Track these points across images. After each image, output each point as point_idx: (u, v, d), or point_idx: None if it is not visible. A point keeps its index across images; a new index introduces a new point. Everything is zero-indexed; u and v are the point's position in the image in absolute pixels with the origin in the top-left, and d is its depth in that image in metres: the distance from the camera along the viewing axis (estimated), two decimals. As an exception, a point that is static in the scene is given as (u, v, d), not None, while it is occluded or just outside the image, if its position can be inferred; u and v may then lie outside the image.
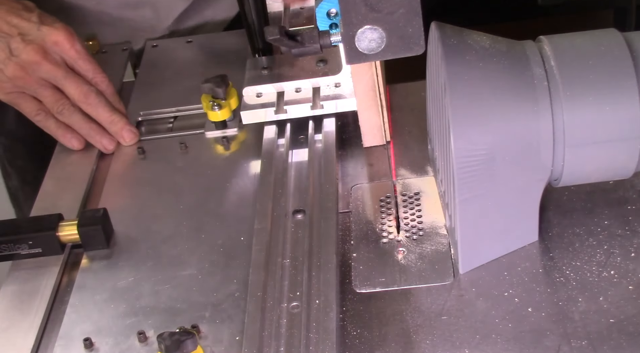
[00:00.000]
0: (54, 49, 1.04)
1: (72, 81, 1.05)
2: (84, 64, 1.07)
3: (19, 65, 1.03)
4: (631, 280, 0.82)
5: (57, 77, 1.05)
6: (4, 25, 1.03)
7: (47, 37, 1.04)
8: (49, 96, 1.05)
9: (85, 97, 1.06)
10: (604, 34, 0.84)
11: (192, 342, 0.77)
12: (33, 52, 1.03)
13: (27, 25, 1.03)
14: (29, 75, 1.03)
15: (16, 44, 1.03)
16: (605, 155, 0.82)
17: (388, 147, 1.04)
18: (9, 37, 1.02)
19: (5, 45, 1.02)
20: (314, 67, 1.07)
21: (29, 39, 1.03)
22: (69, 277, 0.94)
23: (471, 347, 0.78)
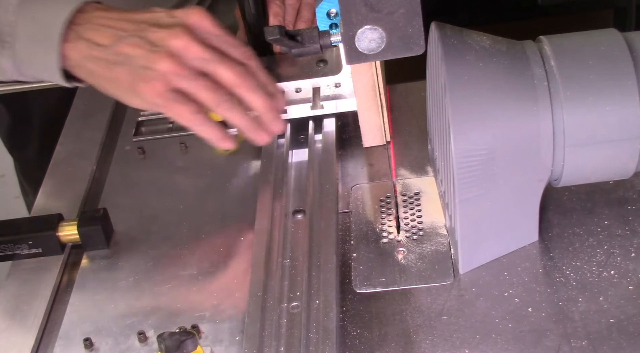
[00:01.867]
0: (196, 30, 0.88)
1: (224, 63, 0.88)
2: (230, 40, 0.90)
3: (168, 54, 0.86)
4: (631, 280, 0.82)
5: (208, 61, 0.87)
6: (127, 24, 0.89)
7: (185, 19, 0.88)
8: (205, 86, 0.87)
9: (242, 80, 0.89)
10: (604, 34, 0.84)
11: (192, 342, 0.77)
12: (181, 36, 0.87)
13: (156, 15, 0.90)
14: (180, 65, 0.86)
15: (155, 34, 0.87)
16: (605, 155, 0.82)
17: (388, 147, 1.04)
18: (142, 31, 0.88)
19: (143, 40, 0.87)
20: (314, 67, 1.07)
21: (167, 25, 0.88)
22: (69, 277, 0.94)
23: (471, 347, 0.78)
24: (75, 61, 0.89)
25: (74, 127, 1.17)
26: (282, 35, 0.86)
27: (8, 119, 1.43)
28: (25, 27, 0.89)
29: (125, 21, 0.89)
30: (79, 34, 0.89)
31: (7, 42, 0.90)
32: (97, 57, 0.88)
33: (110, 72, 0.88)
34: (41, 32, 0.89)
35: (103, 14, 0.90)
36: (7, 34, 0.89)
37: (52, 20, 0.89)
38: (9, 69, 0.91)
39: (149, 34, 0.87)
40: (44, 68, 0.90)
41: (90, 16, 0.90)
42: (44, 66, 0.90)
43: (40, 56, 0.90)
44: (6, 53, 0.90)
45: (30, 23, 0.89)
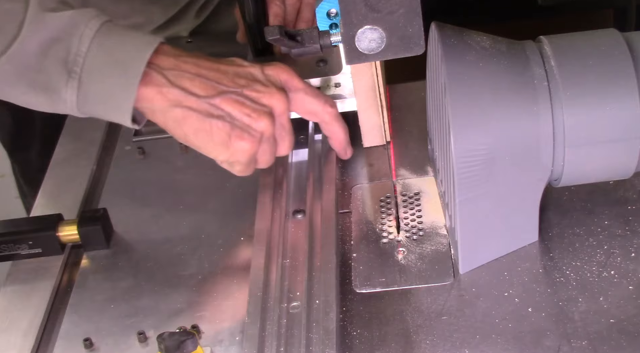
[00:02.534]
0: (287, 88, 0.92)
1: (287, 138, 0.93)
2: (314, 92, 0.95)
3: (269, 115, 0.88)
4: (631, 280, 0.82)
5: (287, 129, 0.92)
6: (221, 76, 0.88)
7: (277, 77, 0.91)
8: (273, 151, 0.92)
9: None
10: (604, 34, 0.84)
11: (192, 342, 0.77)
12: (280, 98, 0.89)
13: (248, 71, 0.90)
14: (274, 127, 0.89)
15: (256, 94, 0.88)
16: (605, 155, 0.82)
17: (388, 147, 1.04)
18: (241, 88, 0.88)
19: (244, 98, 0.87)
20: (314, 67, 1.07)
21: (264, 83, 0.90)
22: (69, 277, 0.94)
23: (471, 347, 0.78)
24: (159, 106, 0.86)
25: (74, 127, 1.17)
26: (282, 35, 0.86)
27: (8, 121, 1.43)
28: (98, 60, 0.84)
29: (218, 72, 0.89)
30: (166, 78, 0.86)
31: (75, 72, 0.84)
32: (190, 107, 0.86)
33: (203, 124, 0.86)
34: (117, 68, 0.84)
35: (185, 58, 0.88)
36: (76, 64, 0.84)
37: (131, 57, 0.85)
38: (70, 102, 0.86)
39: (250, 92, 0.88)
40: (113, 107, 0.85)
41: (170, 59, 0.87)
42: (114, 105, 0.85)
43: (113, 94, 0.85)
44: (72, 84, 0.84)
45: (104, 56, 0.84)
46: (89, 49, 0.84)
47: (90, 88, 0.85)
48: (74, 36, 0.84)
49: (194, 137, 0.87)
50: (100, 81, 0.85)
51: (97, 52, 0.84)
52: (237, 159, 0.89)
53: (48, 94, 0.85)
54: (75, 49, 0.84)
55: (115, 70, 0.84)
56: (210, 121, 0.86)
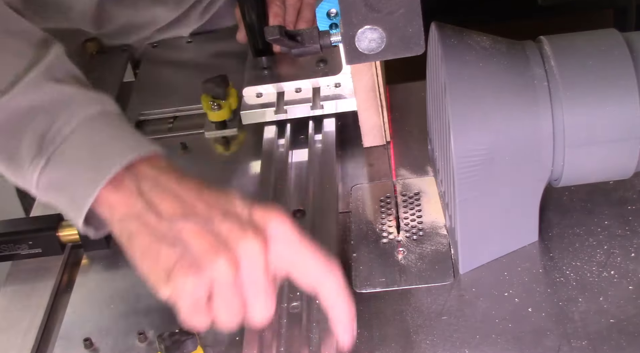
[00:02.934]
0: (275, 238, 0.72)
1: (262, 299, 0.72)
2: (308, 251, 0.73)
3: (233, 260, 0.70)
4: (631, 280, 0.82)
5: (257, 286, 0.71)
6: (199, 203, 0.73)
7: (262, 220, 0.72)
8: (230, 309, 0.72)
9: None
10: (604, 34, 0.84)
11: (192, 342, 0.77)
12: (254, 244, 0.70)
13: (237, 209, 0.73)
14: (234, 275, 0.70)
15: (226, 230, 0.71)
16: (605, 155, 0.82)
17: (388, 147, 1.04)
18: (211, 220, 0.71)
19: (208, 229, 0.71)
20: (314, 67, 1.07)
21: (239, 223, 0.72)
22: (69, 277, 0.94)
23: (471, 347, 0.78)
24: (118, 215, 0.73)
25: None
26: (282, 35, 0.86)
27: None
28: (76, 146, 0.74)
29: (196, 198, 0.73)
30: (138, 187, 0.73)
31: (47, 151, 0.75)
32: (148, 224, 0.72)
33: (153, 247, 0.71)
34: (91, 161, 0.74)
35: (170, 175, 0.75)
36: (53, 142, 0.75)
37: (111, 155, 0.73)
38: (29, 181, 0.76)
39: (220, 226, 0.71)
40: (70, 200, 0.74)
41: (154, 171, 0.74)
42: (71, 198, 0.74)
43: (74, 186, 0.74)
44: (37, 162, 0.75)
45: (84, 145, 0.74)
46: (72, 132, 0.75)
47: (54, 174, 0.75)
48: (64, 114, 0.75)
49: (139, 259, 0.73)
50: (66, 169, 0.75)
51: (79, 139, 0.75)
52: (179, 299, 0.71)
53: (10, 163, 0.77)
54: (58, 127, 0.75)
55: (88, 162, 0.74)
56: (160, 246, 0.71)
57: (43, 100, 0.76)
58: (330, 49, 0.86)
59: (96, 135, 0.75)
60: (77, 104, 0.76)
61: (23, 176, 0.76)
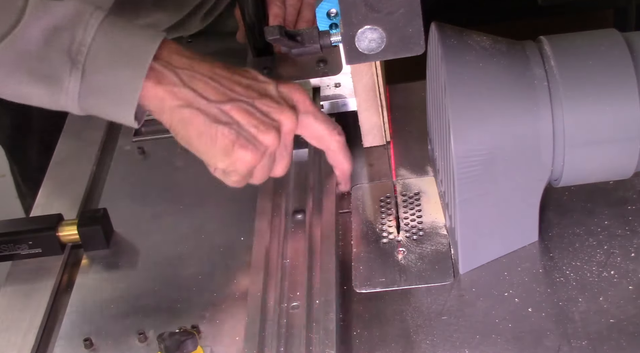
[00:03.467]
0: (298, 108, 0.89)
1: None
2: (323, 116, 0.91)
3: (276, 130, 0.85)
4: (631, 280, 0.82)
5: (289, 147, 0.89)
6: (235, 85, 0.85)
7: (290, 95, 0.88)
8: (282, 166, 0.90)
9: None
10: (604, 34, 0.84)
11: (192, 342, 0.77)
12: (290, 116, 0.86)
13: (263, 85, 0.87)
14: (280, 143, 0.86)
15: (267, 107, 0.85)
16: (605, 155, 0.82)
17: (388, 147, 1.04)
18: (253, 99, 0.85)
19: (255, 109, 0.84)
20: (314, 67, 1.07)
21: (277, 100, 0.87)
22: (69, 277, 0.94)
23: (471, 347, 0.78)
24: (168, 105, 0.83)
25: (74, 127, 1.17)
26: (282, 35, 0.86)
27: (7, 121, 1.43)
28: (103, 50, 0.81)
29: (231, 80, 0.85)
30: (179, 77, 0.83)
31: (79, 62, 0.81)
32: (199, 109, 0.82)
33: (210, 128, 0.82)
34: (123, 59, 0.81)
35: (199, 60, 0.85)
36: (80, 53, 0.81)
37: (137, 49, 0.81)
38: (72, 93, 0.82)
39: (260, 104, 0.85)
40: (117, 100, 0.82)
41: (184, 59, 0.84)
42: (118, 98, 0.82)
43: (118, 86, 0.81)
44: (75, 74, 0.81)
45: (109, 46, 0.81)
46: (94, 38, 0.81)
47: (94, 79, 0.81)
48: (79, 25, 0.81)
49: (197, 140, 0.84)
50: (105, 72, 0.81)
51: (102, 42, 0.81)
52: (236, 169, 0.85)
53: (49, 83, 0.82)
54: (79, 38, 0.81)
55: (121, 61, 0.81)
56: (217, 126, 0.83)
57: (55, 19, 0.81)
58: (330, 49, 0.87)
59: (115, 36, 0.82)
60: (86, 14, 0.81)
61: (66, 93, 0.82)
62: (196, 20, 1.27)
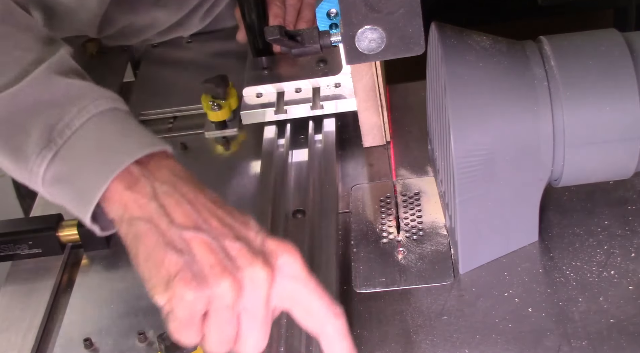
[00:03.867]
0: (282, 271, 0.70)
1: (256, 333, 0.70)
2: (318, 289, 0.71)
3: (235, 282, 0.68)
4: (631, 280, 0.82)
5: (256, 320, 0.69)
6: (213, 219, 0.71)
7: (273, 253, 0.70)
8: (224, 336, 0.70)
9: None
10: (604, 34, 0.84)
11: (192, 342, 0.76)
12: (263, 274, 0.68)
13: (250, 235, 0.71)
14: (235, 302, 0.68)
15: (237, 253, 0.69)
16: (605, 155, 0.82)
17: (388, 147, 1.04)
18: (224, 239, 0.70)
19: (221, 249, 0.69)
20: (314, 67, 1.07)
21: (254, 251, 0.70)
22: (69, 277, 0.94)
23: (471, 347, 0.78)
24: (129, 214, 0.71)
25: (74, 127, 1.16)
26: (282, 35, 0.86)
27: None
28: (86, 139, 0.73)
29: (211, 212, 0.71)
30: (154, 190, 0.71)
31: (55, 144, 0.73)
32: (158, 227, 0.70)
33: (159, 251, 0.69)
34: (102, 154, 0.72)
35: (187, 184, 0.73)
36: (62, 135, 0.73)
37: (122, 149, 0.72)
38: (35, 174, 0.74)
39: (231, 246, 0.69)
40: (76, 194, 0.73)
41: (170, 176, 0.73)
42: (77, 192, 0.73)
43: (81, 179, 0.72)
44: (45, 154, 0.73)
45: (94, 138, 0.73)
46: (82, 125, 0.74)
47: (62, 166, 0.73)
48: (74, 107, 0.74)
49: (143, 263, 0.70)
50: (75, 162, 0.73)
51: (90, 132, 0.74)
52: (173, 309, 0.68)
53: (17, 156, 0.75)
54: (67, 120, 0.74)
55: (97, 155, 0.73)
56: (166, 251, 0.69)
57: (53, 93, 0.75)
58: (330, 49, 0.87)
59: (107, 130, 0.74)
60: (88, 99, 0.75)
61: (29, 170, 0.74)
62: (195, 19, 1.27)
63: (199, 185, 0.74)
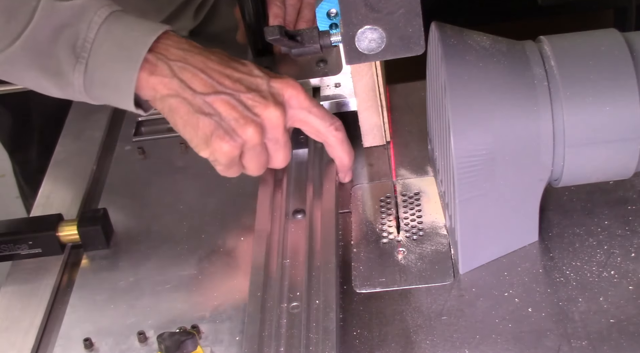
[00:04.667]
0: (289, 104, 0.92)
1: (284, 151, 0.93)
2: (319, 112, 0.94)
3: (257, 125, 0.88)
4: (631, 280, 0.82)
5: (280, 144, 0.91)
6: (224, 78, 0.89)
7: (281, 91, 0.91)
8: (259, 163, 0.92)
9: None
10: (604, 34, 0.84)
11: (192, 342, 0.77)
12: (274, 112, 0.89)
13: (254, 80, 0.90)
14: (261, 138, 0.89)
15: (252, 101, 0.89)
16: (605, 155, 0.82)
17: (388, 147, 1.04)
18: (239, 93, 0.89)
19: (239, 103, 0.88)
20: (314, 67, 1.07)
21: (265, 94, 0.89)
22: (69, 277, 0.94)
23: (471, 347, 0.78)
24: (159, 95, 0.88)
25: (74, 127, 1.17)
26: (282, 35, 0.86)
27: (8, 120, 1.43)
28: (104, 45, 0.87)
29: (222, 73, 0.89)
30: (170, 69, 0.88)
31: (83, 57, 0.87)
32: (185, 99, 0.88)
33: (193, 118, 0.87)
34: (122, 53, 0.87)
35: (194, 53, 0.90)
36: (84, 49, 0.87)
37: (135, 43, 0.87)
38: (78, 86, 0.88)
39: (246, 98, 0.88)
40: (117, 91, 0.88)
41: (179, 52, 0.89)
42: (117, 89, 0.88)
43: (115, 78, 0.87)
44: (79, 68, 0.87)
45: (110, 42, 0.87)
46: (96, 35, 0.87)
47: (96, 72, 0.87)
48: (83, 23, 0.86)
49: (182, 129, 0.89)
50: (105, 66, 0.87)
51: (104, 39, 0.87)
52: (217, 159, 0.89)
53: (57, 78, 0.88)
54: (83, 35, 0.86)
55: (119, 55, 0.87)
56: (198, 116, 0.87)
57: (62, 18, 0.86)
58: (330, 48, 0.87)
59: (117, 32, 0.87)
60: (91, 12, 0.87)
61: (72, 85, 0.88)
62: (189, 14, 1.27)
63: (203, 50, 0.90)
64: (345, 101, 1.03)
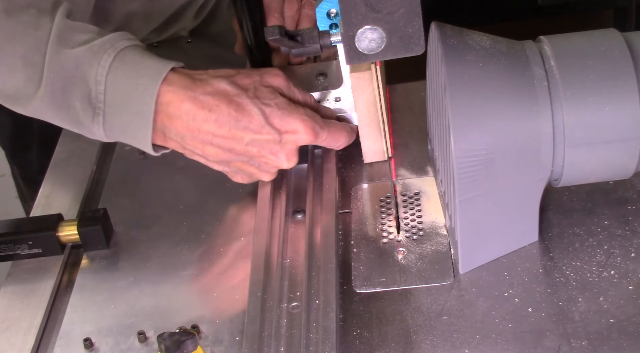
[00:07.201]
0: (294, 135, 0.94)
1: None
2: (302, 95, 0.98)
3: (274, 174, 0.96)
4: (631, 280, 0.82)
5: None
6: (236, 145, 0.92)
7: (284, 131, 0.92)
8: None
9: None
10: (604, 34, 0.84)
11: (192, 342, 0.77)
12: (290, 164, 0.94)
13: (266, 139, 0.92)
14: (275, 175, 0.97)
15: (266, 165, 0.94)
16: (605, 155, 0.82)
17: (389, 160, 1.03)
18: (251, 159, 0.93)
19: (250, 165, 0.94)
20: (314, 80, 1.05)
21: (275, 153, 0.93)
22: (69, 277, 0.94)
23: (471, 347, 0.78)
24: (169, 135, 0.92)
25: (74, 127, 1.16)
26: (282, 35, 0.86)
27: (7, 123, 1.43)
28: (116, 96, 0.90)
29: (231, 139, 0.91)
30: (180, 143, 0.92)
31: (100, 109, 0.90)
32: (201, 158, 0.94)
33: (211, 165, 0.95)
34: (132, 106, 0.90)
35: (197, 114, 0.90)
36: (99, 100, 0.90)
37: (141, 95, 0.89)
38: (99, 135, 0.93)
39: (260, 162, 0.94)
40: (136, 138, 0.92)
41: (180, 115, 0.90)
42: (135, 137, 0.92)
43: (133, 128, 0.91)
44: (97, 120, 0.91)
45: (120, 93, 0.90)
46: (106, 88, 0.90)
47: (114, 122, 0.91)
48: (90, 76, 0.89)
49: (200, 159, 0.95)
50: (121, 116, 0.91)
51: (114, 89, 0.90)
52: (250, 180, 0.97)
53: (80, 128, 0.93)
54: (94, 88, 0.90)
55: (131, 107, 0.90)
56: (217, 166, 0.95)
57: (69, 71, 0.89)
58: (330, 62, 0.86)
59: (122, 80, 0.90)
60: (95, 63, 0.89)
61: (93, 133, 0.93)
62: (190, 14, 1.27)
63: (197, 111, 0.90)
64: (347, 116, 1.02)
